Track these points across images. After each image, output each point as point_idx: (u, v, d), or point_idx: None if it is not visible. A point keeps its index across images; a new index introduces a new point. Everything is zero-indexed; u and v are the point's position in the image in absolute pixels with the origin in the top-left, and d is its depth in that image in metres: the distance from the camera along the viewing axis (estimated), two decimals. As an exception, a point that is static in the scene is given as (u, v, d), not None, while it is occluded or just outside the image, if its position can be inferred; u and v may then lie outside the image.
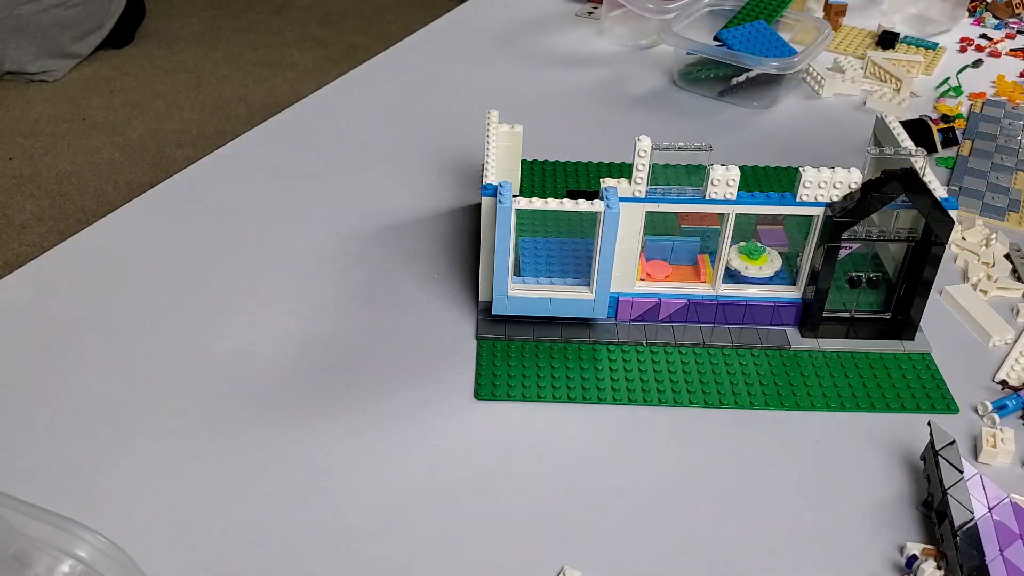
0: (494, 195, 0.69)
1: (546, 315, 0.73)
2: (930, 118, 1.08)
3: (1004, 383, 0.71)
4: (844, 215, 0.68)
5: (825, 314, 0.75)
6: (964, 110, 1.14)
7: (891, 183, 0.67)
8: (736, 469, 0.65)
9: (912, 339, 0.75)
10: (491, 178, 0.71)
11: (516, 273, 0.77)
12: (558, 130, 1.05)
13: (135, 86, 2.87)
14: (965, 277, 0.84)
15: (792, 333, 0.76)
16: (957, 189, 0.97)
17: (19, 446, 0.64)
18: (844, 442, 0.67)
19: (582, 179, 0.96)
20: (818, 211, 0.70)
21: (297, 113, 1.09)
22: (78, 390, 0.69)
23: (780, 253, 0.78)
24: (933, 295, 0.82)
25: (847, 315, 0.75)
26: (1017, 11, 1.46)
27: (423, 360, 0.73)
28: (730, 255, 0.76)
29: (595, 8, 1.41)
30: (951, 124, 1.08)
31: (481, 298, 0.77)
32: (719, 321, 0.76)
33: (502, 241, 0.69)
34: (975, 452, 0.66)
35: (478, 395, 0.70)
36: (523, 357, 0.73)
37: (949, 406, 0.70)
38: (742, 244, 0.77)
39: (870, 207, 0.68)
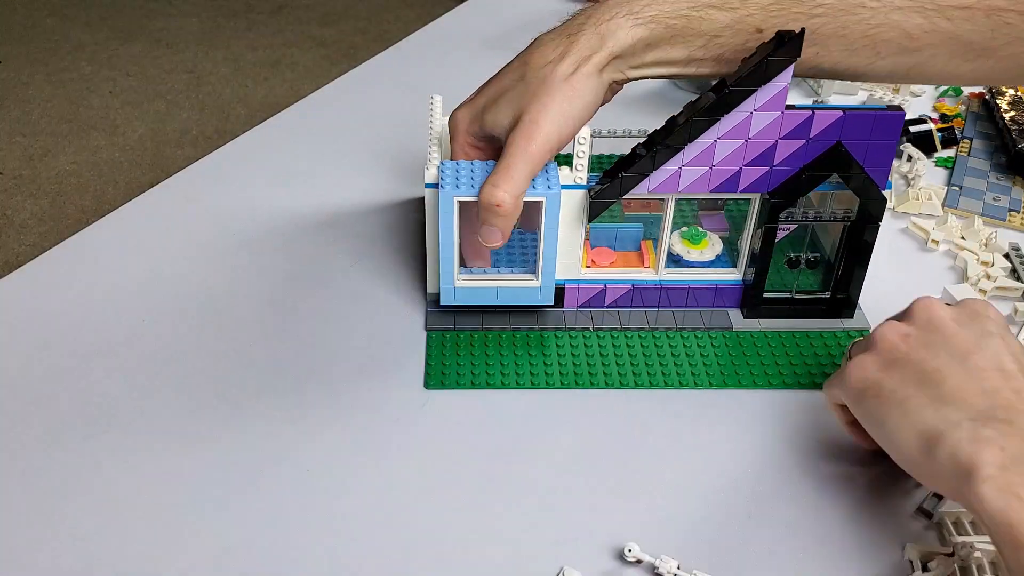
0: (436, 187, 0.69)
1: (494, 304, 0.75)
2: (929, 117, 1.08)
3: None
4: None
5: (766, 295, 0.77)
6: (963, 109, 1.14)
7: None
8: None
9: (851, 317, 0.77)
10: (435, 169, 0.72)
11: (464, 264, 0.78)
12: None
13: (135, 86, 2.88)
14: (964, 277, 0.84)
15: (734, 314, 0.77)
16: (958, 188, 0.97)
17: (18, 446, 0.64)
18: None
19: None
20: (756, 195, 0.72)
21: (297, 113, 1.09)
22: (77, 390, 0.69)
23: (721, 237, 0.79)
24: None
25: (788, 295, 0.77)
26: (1017, 11, 1.46)
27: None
28: (672, 240, 0.78)
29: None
30: (950, 124, 1.08)
31: (429, 290, 0.78)
32: (663, 305, 0.77)
33: (446, 231, 0.70)
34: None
35: (427, 384, 0.70)
36: (472, 346, 0.74)
37: None
38: (684, 229, 0.79)
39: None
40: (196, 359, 0.72)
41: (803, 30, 0.64)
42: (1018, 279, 0.84)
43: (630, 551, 0.57)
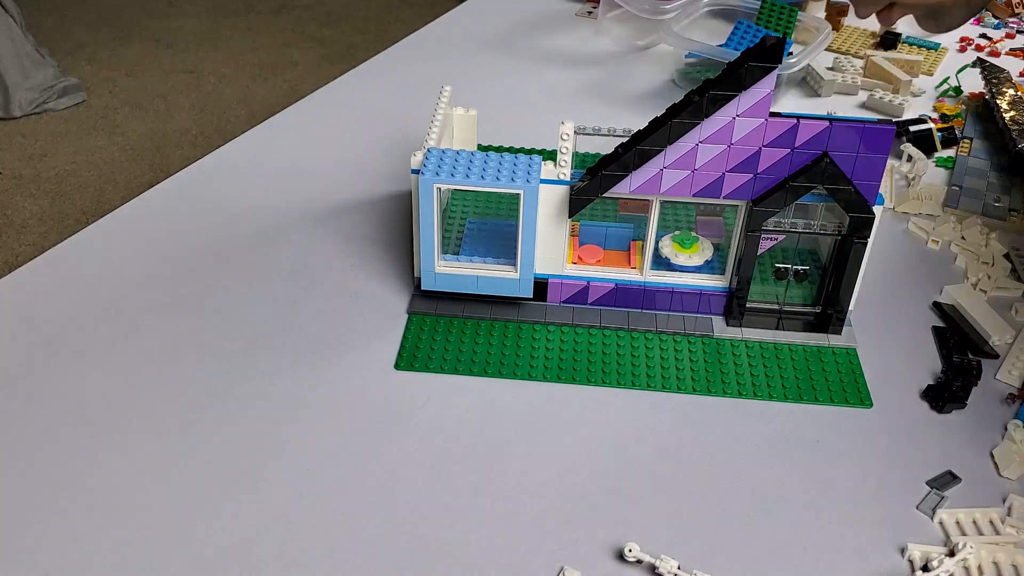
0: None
1: (474, 292, 0.76)
2: (929, 117, 1.08)
3: (1012, 396, 0.71)
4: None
5: (753, 305, 0.76)
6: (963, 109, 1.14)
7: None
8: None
9: (839, 334, 0.76)
10: (421, 155, 0.72)
11: (455, 252, 0.79)
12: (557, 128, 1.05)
13: (135, 86, 2.88)
14: (964, 276, 0.84)
15: (719, 322, 0.77)
16: (958, 189, 0.97)
17: (18, 446, 0.64)
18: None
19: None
20: (742, 203, 0.71)
21: (297, 113, 1.09)
22: (77, 389, 0.69)
23: (716, 244, 0.79)
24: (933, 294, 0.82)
25: (776, 307, 0.76)
26: (1017, 11, 1.46)
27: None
28: (663, 243, 0.78)
29: (594, 8, 1.41)
30: (950, 124, 1.08)
31: (415, 274, 0.78)
32: (647, 307, 0.77)
33: (426, 217, 0.71)
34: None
35: (397, 366, 0.71)
36: (449, 332, 0.75)
37: (863, 400, 0.70)
38: (676, 233, 0.79)
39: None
40: (195, 358, 0.72)
41: (785, 36, 0.64)
42: (1018, 279, 0.84)
43: (630, 551, 0.57)
